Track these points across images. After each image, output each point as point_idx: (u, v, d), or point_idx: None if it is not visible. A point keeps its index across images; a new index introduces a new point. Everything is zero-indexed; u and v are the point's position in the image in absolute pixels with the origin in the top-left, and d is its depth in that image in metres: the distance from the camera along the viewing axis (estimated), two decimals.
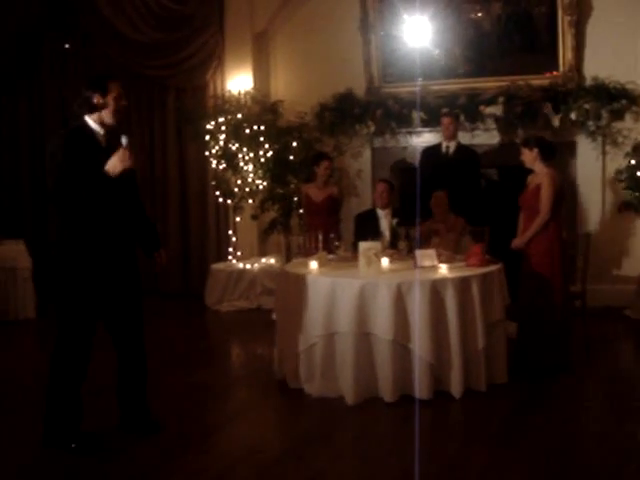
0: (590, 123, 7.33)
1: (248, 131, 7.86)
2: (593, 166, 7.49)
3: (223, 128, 7.94)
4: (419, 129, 7.89)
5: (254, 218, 8.25)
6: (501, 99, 7.49)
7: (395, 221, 6.02)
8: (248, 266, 8.02)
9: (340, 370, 4.82)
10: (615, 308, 7.13)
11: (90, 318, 4.07)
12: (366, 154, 8.25)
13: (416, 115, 7.81)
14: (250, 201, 8.13)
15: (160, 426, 4.34)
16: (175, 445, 4.16)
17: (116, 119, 4.07)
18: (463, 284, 4.86)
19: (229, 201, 8.22)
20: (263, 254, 8.43)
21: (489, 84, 7.68)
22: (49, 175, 3.98)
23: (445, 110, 7.45)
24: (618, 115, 7.32)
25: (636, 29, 7.26)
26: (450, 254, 5.40)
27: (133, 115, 8.79)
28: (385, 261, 5.18)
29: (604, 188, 7.50)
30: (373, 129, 8.02)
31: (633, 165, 7.20)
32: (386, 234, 6.20)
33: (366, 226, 6.56)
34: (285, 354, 5.15)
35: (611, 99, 7.25)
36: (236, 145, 7.91)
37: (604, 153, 7.45)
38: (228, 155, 7.98)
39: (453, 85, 7.80)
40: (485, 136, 7.72)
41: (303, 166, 7.92)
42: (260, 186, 8.03)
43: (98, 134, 4.06)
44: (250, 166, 7.95)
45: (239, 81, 8.31)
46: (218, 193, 8.22)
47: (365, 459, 4.03)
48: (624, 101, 7.26)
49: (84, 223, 4.00)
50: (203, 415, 4.70)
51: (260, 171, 7.97)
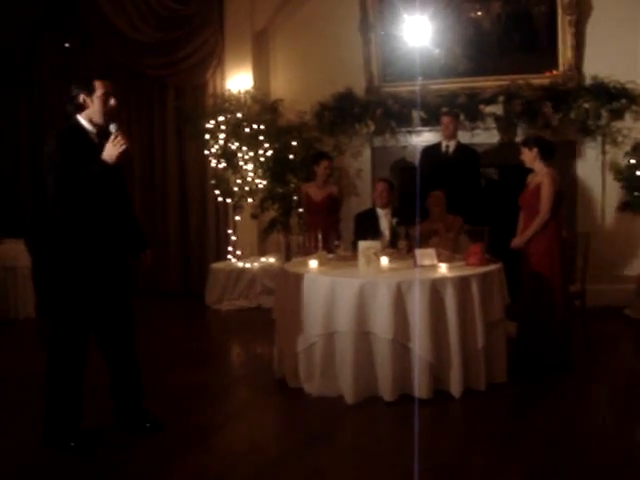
0: (590, 122, 7.33)
1: (248, 130, 7.86)
2: (593, 165, 7.50)
3: (223, 127, 7.94)
4: (419, 128, 7.89)
5: (254, 217, 8.25)
6: (501, 98, 7.50)
7: (395, 220, 6.02)
8: (248, 265, 8.02)
9: (340, 369, 4.82)
10: (615, 308, 7.14)
11: (85, 316, 4.06)
12: (366, 153, 8.26)
13: (416, 114, 7.82)
14: (250, 200, 8.13)
15: (160, 425, 4.34)
16: (175, 444, 4.16)
17: (104, 119, 4.01)
18: (463, 283, 4.86)
19: (229, 200, 8.22)
20: (263, 253, 8.43)
21: (489, 83, 7.68)
22: (48, 176, 3.96)
23: (445, 109, 7.46)
24: (618, 114, 7.32)
25: (636, 28, 7.27)
26: (450, 253, 5.40)
27: (133, 114, 8.81)
28: (385, 260, 5.18)
29: (604, 187, 7.50)
30: (373, 128, 8.02)
31: (633, 164, 7.20)
32: (386, 233, 6.20)
33: (366, 225, 6.56)
34: (285, 353, 5.15)
35: (611, 98, 7.25)
36: (236, 144, 7.91)
37: (604, 152, 7.46)
38: (228, 154, 7.97)
39: (453, 84, 7.79)
40: (485, 135, 7.72)
41: (303, 165, 7.92)
42: (260, 185, 8.02)
43: (91, 133, 4.04)
44: (250, 165, 7.94)
45: (239, 80, 8.31)
46: (218, 192, 8.22)
47: (365, 458, 4.03)
48: (624, 100, 7.26)
49: (83, 222, 3.99)
50: (203, 414, 4.70)
51: (260, 170, 7.96)
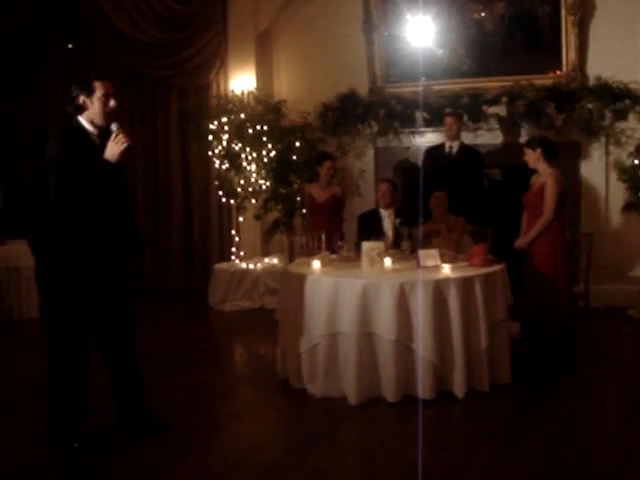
0: (593, 123, 7.32)
1: (251, 131, 7.86)
2: (596, 166, 7.49)
3: (226, 128, 7.94)
4: (422, 129, 7.88)
5: (257, 218, 8.24)
6: (504, 99, 7.49)
7: (398, 221, 6.01)
8: (251, 266, 8.02)
9: (343, 370, 4.82)
10: (618, 308, 7.14)
11: (85, 315, 4.06)
12: (369, 154, 8.25)
13: (419, 115, 7.81)
14: (253, 201, 8.13)
15: (164, 425, 4.34)
16: (178, 444, 4.16)
17: (105, 120, 4.01)
18: (466, 284, 4.85)
19: (232, 201, 8.22)
20: (266, 254, 8.43)
21: (492, 84, 7.68)
22: (50, 176, 3.96)
23: (448, 110, 7.45)
24: (621, 115, 7.31)
25: (639, 29, 7.26)
26: (453, 254, 5.39)
27: (136, 115, 8.82)
28: (388, 261, 5.17)
29: (607, 188, 7.49)
30: (376, 129, 8.02)
31: (636, 165, 7.19)
32: (389, 234, 6.19)
33: (369, 226, 6.55)
34: (288, 354, 5.15)
35: (614, 99, 7.25)
36: (239, 145, 7.91)
37: (607, 153, 7.45)
38: (231, 155, 7.98)
39: (456, 85, 7.79)
40: (488, 136, 7.72)
41: (306, 166, 7.92)
42: (263, 186, 8.02)
43: (92, 134, 4.04)
44: (253, 166, 7.95)
45: (242, 81, 8.31)
46: (221, 193, 8.23)
47: (368, 459, 4.03)
48: (627, 101, 7.26)
49: (84, 222, 3.99)
50: (206, 414, 4.70)
51: (263, 171, 7.96)
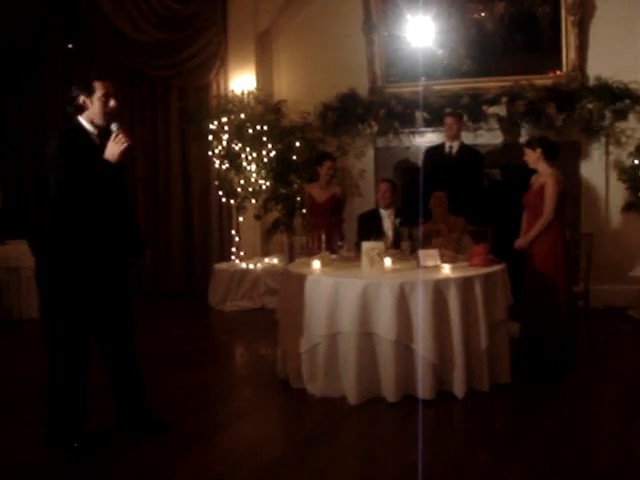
0: (593, 123, 7.32)
1: (251, 131, 7.86)
2: (597, 166, 7.49)
3: (226, 128, 7.94)
4: (422, 129, 7.89)
5: (257, 218, 8.24)
6: (504, 99, 7.49)
7: (398, 221, 6.01)
8: (251, 266, 8.02)
9: (343, 370, 4.82)
10: (618, 308, 7.14)
11: (85, 315, 4.06)
12: (369, 154, 8.25)
13: (419, 115, 7.81)
14: (253, 201, 8.13)
15: (165, 425, 4.34)
16: (178, 444, 4.16)
17: (105, 120, 4.01)
18: (466, 284, 4.85)
19: (232, 201, 8.22)
20: (266, 254, 8.43)
21: (492, 84, 7.68)
22: (50, 175, 3.96)
23: (448, 110, 7.45)
24: (621, 115, 7.32)
25: (639, 29, 7.26)
26: (453, 254, 5.39)
27: (136, 115, 8.82)
28: (388, 261, 5.17)
29: (607, 188, 7.49)
30: (376, 129, 8.02)
31: (636, 165, 7.19)
32: (389, 234, 6.19)
33: (369, 226, 6.55)
34: (288, 354, 5.15)
35: (614, 99, 7.25)
36: (239, 145, 7.91)
37: (607, 153, 7.45)
38: (231, 155, 7.98)
39: (456, 85, 7.79)
40: (488, 136, 7.72)
41: (306, 166, 7.92)
42: (263, 186, 8.03)
43: (92, 134, 4.04)
44: (253, 166, 7.95)
45: (242, 81, 8.31)
46: (221, 193, 8.23)
47: (368, 459, 4.03)
48: (627, 101, 7.26)
49: (84, 222, 3.99)
50: (206, 415, 4.70)
51: (263, 171, 7.96)
